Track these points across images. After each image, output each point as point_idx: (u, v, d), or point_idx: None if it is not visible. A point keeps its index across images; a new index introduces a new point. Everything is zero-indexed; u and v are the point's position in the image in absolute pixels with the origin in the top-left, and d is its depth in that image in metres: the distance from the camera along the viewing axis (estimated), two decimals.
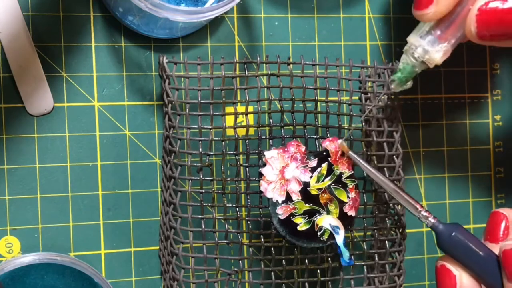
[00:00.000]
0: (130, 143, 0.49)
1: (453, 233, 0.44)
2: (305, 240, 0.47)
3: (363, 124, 0.50)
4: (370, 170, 0.46)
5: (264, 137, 0.48)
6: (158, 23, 0.47)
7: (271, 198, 0.46)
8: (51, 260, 0.46)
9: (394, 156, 0.50)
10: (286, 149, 0.46)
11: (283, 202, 0.46)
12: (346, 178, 0.47)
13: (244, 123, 0.48)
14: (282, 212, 0.46)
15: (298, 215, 0.46)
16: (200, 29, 0.50)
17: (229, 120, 0.48)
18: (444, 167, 0.56)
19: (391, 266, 0.50)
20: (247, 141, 0.48)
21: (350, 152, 0.46)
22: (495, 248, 0.48)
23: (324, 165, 0.46)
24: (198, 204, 0.47)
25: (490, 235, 0.49)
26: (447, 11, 0.43)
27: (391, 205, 0.50)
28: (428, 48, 0.44)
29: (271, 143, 0.48)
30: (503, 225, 0.49)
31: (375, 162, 0.49)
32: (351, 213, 0.47)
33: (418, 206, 0.45)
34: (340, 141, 0.47)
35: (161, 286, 0.50)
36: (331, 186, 0.46)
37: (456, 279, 0.45)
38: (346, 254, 0.47)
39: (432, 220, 0.45)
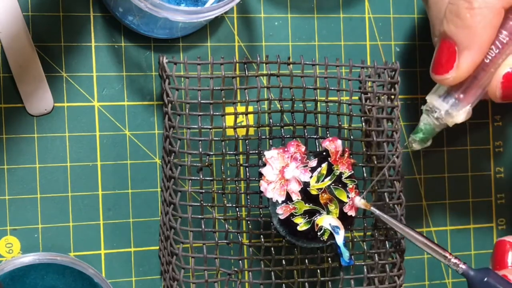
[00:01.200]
0: (130, 143, 0.49)
1: (485, 279, 0.44)
2: (305, 240, 0.47)
3: (363, 124, 0.50)
4: (397, 225, 0.46)
5: (264, 137, 0.48)
6: (158, 23, 0.47)
7: (271, 198, 0.46)
8: (51, 260, 0.46)
9: (394, 156, 0.50)
10: (286, 149, 0.46)
11: (283, 202, 0.46)
12: (346, 178, 0.47)
13: (244, 123, 0.48)
14: (282, 212, 0.46)
15: (298, 215, 0.46)
16: (200, 29, 0.50)
17: (229, 120, 0.48)
18: (444, 167, 0.56)
19: (391, 266, 0.50)
20: (247, 141, 0.48)
21: (372, 208, 0.46)
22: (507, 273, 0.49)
23: (324, 165, 0.46)
24: (198, 204, 0.47)
25: (499, 264, 0.49)
26: (466, 77, 0.43)
27: (391, 205, 0.50)
28: (451, 111, 0.44)
29: (271, 143, 0.48)
30: (510, 253, 0.50)
31: (375, 162, 0.49)
32: (351, 213, 0.47)
33: (447, 254, 0.45)
34: (359, 199, 0.47)
35: (161, 286, 0.50)
36: (331, 186, 0.46)
37: None
38: (346, 254, 0.47)
39: (463, 267, 0.45)
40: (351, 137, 0.49)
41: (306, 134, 0.48)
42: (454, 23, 0.42)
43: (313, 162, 0.46)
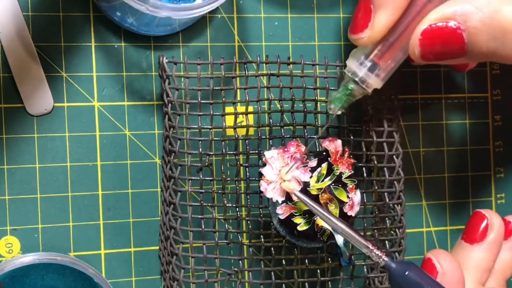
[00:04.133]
0: (130, 143, 0.49)
1: (407, 272, 0.43)
2: (305, 240, 0.47)
3: (363, 124, 0.50)
4: (318, 210, 0.45)
5: (264, 137, 0.48)
6: (156, 21, 0.47)
7: (271, 198, 0.46)
8: (51, 260, 0.46)
9: (394, 156, 0.50)
10: (286, 149, 0.46)
11: (283, 202, 0.46)
12: (346, 178, 0.47)
13: (244, 123, 0.48)
14: (282, 212, 0.46)
15: (298, 215, 0.46)
16: (200, 29, 0.50)
17: (229, 120, 0.48)
18: (444, 167, 0.56)
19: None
20: (247, 141, 0.48)
21: (296, 192, 0.45)
22: (467, 249, 0.49)
23: (324, 165, 0.46)
24: (198, 204, 0.47)
25: (466, 234, 0.50)
26: (381, 36, 0.43)
27: (391, 205, 0.50)
28: (365, 74, 0.44)
29: (271, 143, 0.48)
30: (482, 226, 0.49)
31: (375, 162, 0.49)
32: (351, 213, 0.47)
33: (369, 245, 0.44)
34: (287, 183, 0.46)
35: (161, 286, 0.50)
36: (331, 186, 0.46)
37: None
38: (346, 254, 0.47)
39: (385, 259, 0.44)
40: (351, 137, 0.49)
41: (306, 134, 0.48)
42: None
43: (313, 162, 0.46)
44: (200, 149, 0.46)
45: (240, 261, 0.48)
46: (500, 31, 0.40)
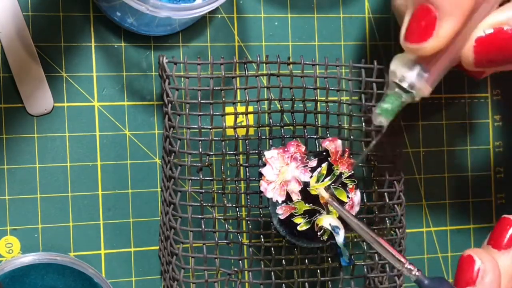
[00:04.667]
0: (130, 143, 0.49)
1: None
2: (305, 240, 0.47)
3: (363, 124, 0.50)
4: (353, 221, 0.44)
5: (264, 137, 0.48)
6: (156, 21, 0.47)
7: (271, 198, 0.46)
8: (51, 260, 0.46)
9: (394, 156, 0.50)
10: (286, 149, 0.46)
11: (283, 202, 0.46)
12: (346, 178, 0.47)
13: (244, 123, 0.48)
14: (282, 212, 0.46)
15: (298, 215, 0.46)
16: (200, 29, 0.50)
17: (229, 120, 0.48)
18: (444, 167, 0.56)
19: (391, 266, 0.50)
20: (247, 141, 0.48)
21: (329, 199, 0.45)
22: (497, 255, 0.48)
23: (324, 165, 0.46)
24: (198, 204, 0.47)
25: (494, 240, 0.48)
26: (445, 45, 0.40)
27: (391, 205, 0.50)
28: (415, 80, 0.41)
29: (271, 143, 0.48)
30: (509, 233, 0.48)
31: (375, 162, 0.49)
32: (351, 213, 0.47)
33: (402, 259, 0.43)
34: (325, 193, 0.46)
35: (161, 286, 0.50)
36: (331, 186, 0.46)
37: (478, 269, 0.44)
38: (346, 254, 0.47)
39: (417, 274, 0.42)
40: (351, 137, 0.49)
41: (306, 134, 0.48)
42: None
43: (313, 162, 0.46)
44: (200, 149, 0.46)
45: (240, 261, 0.48)
46: None
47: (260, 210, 0.48)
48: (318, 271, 0.49)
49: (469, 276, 0.45)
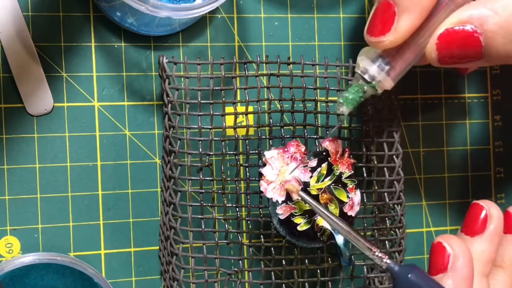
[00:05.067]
0: (130, 143, 0.49)
1: (410, 275, 0.42)
2: (305, 240, 0.47)
3: (363, 124, 0.50)
4: (323, 212, 0.45)
5: (264, 137, 0.48)
6: (156, 21, 0.47)
7: (271, 198, 0.46)
8: (51, 260, 0.46)
9: (394, 156, 0.50)
10: (286, 149, 0.46)
11: (283, 202, 0.46)
12: (346, 178, 0.47)
13: (244, 123, 0.48)
14: (282, 212, 0.46)
15: (298, 215, 0.46)
16: (200, 29, 0.50)
17: (229, 120, 0.48)
18: (444, 167, 0.56)
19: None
20: (247, 141, 0.48)
21: (300, 192, 0.45)
22: (468, 241, 0.48)
23: (324, 165, 0.46)
24: (198, 204, 0.47)
25: (466, 227, 0.49)
26: (404, 40, 0.41)
27: (391, 205, 0.50)
28: (377, 73, 0.43)
29: (271, 143, 0.48)
30: (481, 218, 0.49)
31: (375, 162, 0.49)
32: (351, 213, 0.47)
33: (373, 248, 0.44)
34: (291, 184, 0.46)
35: (161, 286, 0.50)
36: (331, 186, 0.46)
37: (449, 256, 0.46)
38: (346, 254, 0.47)
39: (388, 261, 0.43)
40: (352, 137, 0.49)
41: (306, 134, 0.48)
42: None
43: (313, 162, 0.46)
44: (200, 149, 0.46)
45: (240, 261, 0.48)
46: None
47: (260, 210, 0.48)
48: (318, 271, 0.49)
49: (441, 263, 0.46)
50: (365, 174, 0.50)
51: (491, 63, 0.43)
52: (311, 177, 0.46)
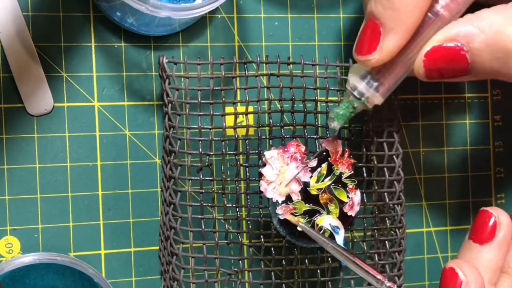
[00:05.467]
0: (130, 143, 0.49)
1: None
2: (305, 240, 0.47)
3: (363, 124, 0.50)
4: (325, 242, 0.45)
5: (264, 137, 0.48)
6: (156, 21, 0.47)
7: (271, 198, 0.46)
8: (51, 260, 0.46)
9: (394, 156, 0.50)
10: (286, 149, 0.46)
11: (283, 202, 0.46)
12: (346, 178, 0.47)
13: (244, 123, 0.48)
14: (282, 212, 0.46)
15: (298, 215, 0.46)
16: (200, 29, 0.50)
17: (229, 120, 0.48)
18: (444, 167, 0.56)
19: (391, 266, 0.50)
20: (247, 141, 0.48)
21: (301, 223, 0.46)
22: (476, 249, 0.48)
23: (324, 165, 0.46)
24: (198, 204, 0.47)
25: (474, 234, 0.48)
26: (389, 59, 0.42)
27: (391, 205, 0.50)
28: (366, 90, 0.43)
29: (271, 143, 0.48)
30: (490, 225, 0.48)
31: (375, 162, 0.49)
32: (351, 213, 0.47)
33: (380, 276, 0.44)
34: (297, 219, 0.46)
35: (161, 286, 0.50)
36: (331, 186, 0.46)
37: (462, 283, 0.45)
38: None
39: None
40: (352, 137, 0.49)
41: (306, 134, 0.48)
42: (381, 3, 0.41)
43: (313, 162, 0.46)
44: (200, 149, 0.46)
45: (240, 261, 0.48)
46: (503, 52, 0.41)
47: (260, 210, 0.48)
48: (318, 271, 0.49)
49: None
50: (365, 174, 0.50)
51: (479, 78, 0.43)
52: (311, 177, 0.46)
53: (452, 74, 0.42)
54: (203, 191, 0.47)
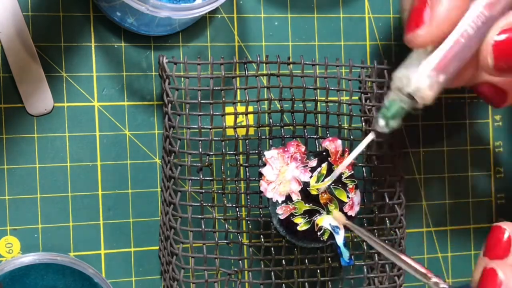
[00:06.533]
0: (130, 143, 0.49)
1: None
2: (305, 240, 0.47)
3: (363, 124, 0.50)
4: (374, 240, 0.43)
5: (264, 137, 0.48)
6: (156, 21, 0.47)
7: (271, 198, 0.46)
8: (51, 260, 0.46)
9: (396, 205, 0.50)
10: (286, 149, 0.46)
11: (283, 202, 0.46)
12: (346, 178, 0.47)
13: (244, 123, 0.48)
14: (282, 212, 0.46)
15: (298, 215, 0.46)
16: (200, 29, 0.50)
17: (229, 120, 0.48)
18: (444, 167, 0.56)
19: (391, 266, 0.50)
20: (247, 141, 0.48)
21: (348, 221, 0.45)
22: (492, 265, 0.47)
23: (324, 165, 0.46)
24: (198, 204, 0.47)
25: (489, 251, 0.46)
26: (442, 33, 0.38)
27: (391, 205, 0.50)
28: (415, 79, 0.39)
29: (271, 143, 0.48)
30: (504, 241, 0.47)
31: (375, 162, 0.49)
32: (351, 213, 0.47)
33: (428, 273, 0.41)
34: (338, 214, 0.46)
35: (161, 286, 0.50)
36: (331, 186, 0.46)
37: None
38: (346, 254, 0.47)
39: (445, 286, 0.40)
40: (351, 137, 0.49)
41: (306, 134, 0.48)
42: None
43: (313, 162, 0.46)
44: (200, 149, 0.46)
45: (240, 261, 0.48)
46: None
47: (260, 210, 0.48)
48: (318, 271, 0.49)
49: None
50: (365, 174, 0.50)
51: None
52: (311, 177, 0.46)
53: None
54: (203, 191, 0.47)
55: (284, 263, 0.48)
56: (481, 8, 0.38)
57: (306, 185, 0.46)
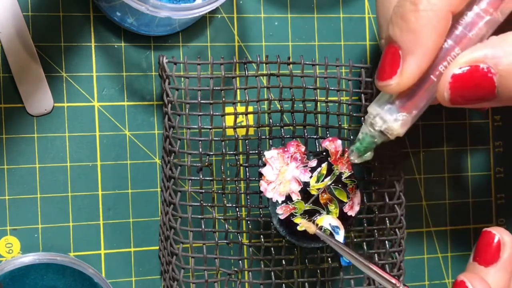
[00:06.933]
0: (130, 143, 0.49)
1: None
2: (305, 240, 0.47)
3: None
4: (342, 248, 0.44)
5: (264, 137, 0.48)
6: (156, 21, 0.47)
7: (271, 198, 0.46)
8: (51, 260, 0.46)
9: (396, 205, 0.50)
10: (286, 149, 0.46)
11: (283, 202, 0.46)
12: (346, 178, 0.47)
13: (244, 123, 0.48)
14: (282, 212, 0.46)
15: (298, 215, 0.46)
16: (200, 29, 0.50)
17: (229, 120, 0.48)
18: (444, 167, 0.56)
19: (391, 266, 0.50)
20: (247, 141, 0.48)
21: (317, 231, 0.45)
22: (482, 272, 0.47)
23: (324, 165, 0.46)
24: (198, 204, 0.47)
25: (479, 256, 0.47)
26: (411, 83, 0.40)
27: (391, 205, 0.50)
28: (386, 118, 0.41)
29: (271, 143, 0.48)
30: (493, 246, 0.47)
31: (375, 162, 0.49)
32: (351, 213, 0.47)
33: (394, 281, 0.43)
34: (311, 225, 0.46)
35: (161, 286, 0.50)
36: (331, 186, 0.46)
37: None
38: None
39: None
40: (351, 137, 0.49)
41: (306, 134, 0.48)
42: (399, 26, 0.40)
43: (313, 162, 0.46)
44: (200, 149, 0.46)
45: (240, 261, 0.48)
46: None
47: (260, 210, 0.48)
48: (318, 271, 0.49)
49: None
50: (365, 174, 0.50)
51: (502, 103, 0.41)
52: (311, 177, 0.46)
53: (477, 98, 0.40)
54: (203, 191, 0.47)
55: (284, 263, 0.48)
56: (457, 50, 0.41)
57: (306, 185, 0.46)
